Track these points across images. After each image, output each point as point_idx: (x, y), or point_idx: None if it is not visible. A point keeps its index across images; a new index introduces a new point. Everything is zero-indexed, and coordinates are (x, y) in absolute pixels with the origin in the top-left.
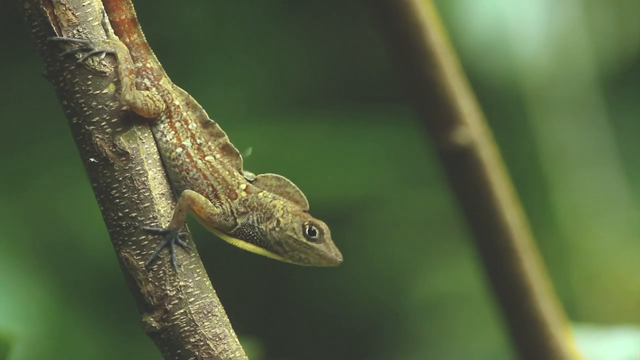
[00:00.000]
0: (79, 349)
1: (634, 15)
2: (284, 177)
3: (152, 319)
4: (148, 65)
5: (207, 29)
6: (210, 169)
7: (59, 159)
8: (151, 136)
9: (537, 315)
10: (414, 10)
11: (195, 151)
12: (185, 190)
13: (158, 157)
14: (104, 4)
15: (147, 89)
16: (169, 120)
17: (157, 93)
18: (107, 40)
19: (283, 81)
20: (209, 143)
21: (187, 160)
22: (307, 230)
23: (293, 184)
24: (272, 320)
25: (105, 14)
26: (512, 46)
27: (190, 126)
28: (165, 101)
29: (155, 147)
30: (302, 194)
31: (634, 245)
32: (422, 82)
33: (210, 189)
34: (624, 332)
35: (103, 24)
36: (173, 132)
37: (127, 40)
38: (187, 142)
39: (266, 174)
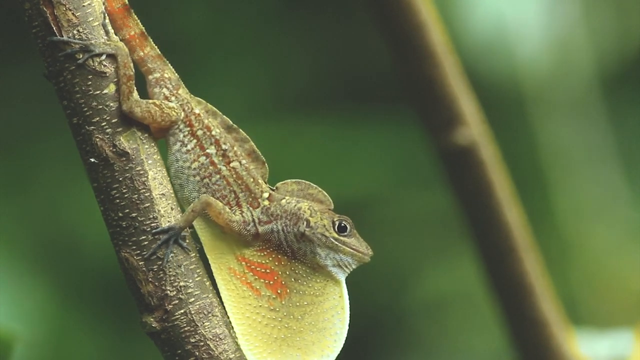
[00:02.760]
0: (79, 349)
1: (634, 15)
2: (303, 180)
3: (152, 319)
4: (166, 75)
5: (207, 29)
6: (235, 176)
7: (59, 159)
8: (152, 136)
9: (538, 315)
10: (415, 10)
11: (220, 158)
12: (203, 195)
13: (159, 157)
14: (111, 24)
15: (166, 98)
16: (189, 129)
17: (176, 102)
18: (108, 42)
19: (283, 81)
20: (235, 148)
21: (211, 167)
22: (337, 226)
23: (314, 185)
24: None
25: (106, 15)
26: (512, 46)
27: (213, 132)
28: (184, 110)
29: (156, 148)
30: (325, 194)
31: (634, 245)
32: (423, 82)
33: (233, 195)
34: (622, 331)
35: (103, 25)
36: (195, 141)
37: (142, 54)
38: (212, 149)
39: (285, 181)
